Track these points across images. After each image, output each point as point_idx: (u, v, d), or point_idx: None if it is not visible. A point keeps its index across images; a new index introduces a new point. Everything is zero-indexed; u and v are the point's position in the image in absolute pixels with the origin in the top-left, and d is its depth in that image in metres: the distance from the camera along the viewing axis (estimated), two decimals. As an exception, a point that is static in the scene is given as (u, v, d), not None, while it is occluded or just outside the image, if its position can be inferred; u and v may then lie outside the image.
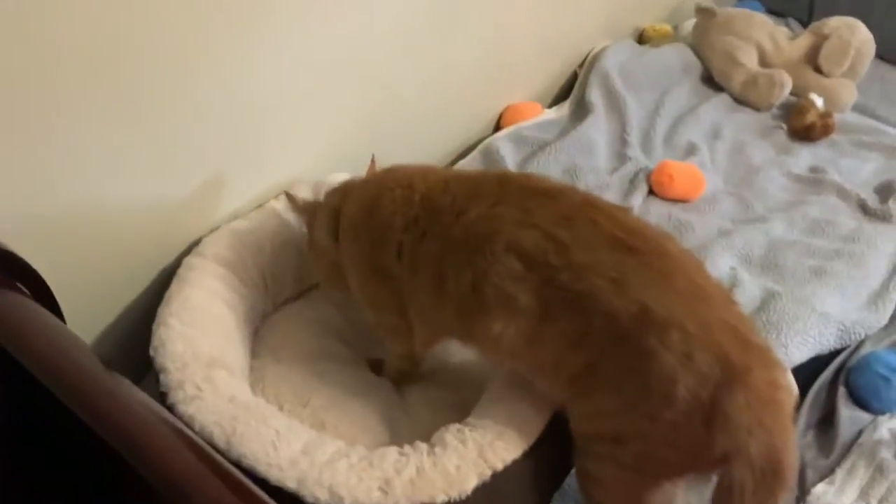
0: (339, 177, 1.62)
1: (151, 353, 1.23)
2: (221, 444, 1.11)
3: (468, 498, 1.11)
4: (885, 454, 1.44)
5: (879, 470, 1.42)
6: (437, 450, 1.15)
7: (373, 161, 1.45)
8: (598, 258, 1.07)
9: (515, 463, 1.15)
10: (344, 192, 1.36)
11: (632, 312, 1.03)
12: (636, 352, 1.03)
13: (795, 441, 1.04)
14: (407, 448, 1.16)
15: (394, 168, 1.33)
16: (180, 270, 1.38)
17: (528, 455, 1.17)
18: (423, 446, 1.16)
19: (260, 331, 1.46)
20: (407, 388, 1.41)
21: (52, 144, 1.18)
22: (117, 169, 1.29)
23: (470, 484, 1.11)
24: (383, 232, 1.24)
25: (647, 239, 1.10)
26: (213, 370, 1.21)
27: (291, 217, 1.52)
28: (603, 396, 1.09)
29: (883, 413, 1.53)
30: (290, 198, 1.45)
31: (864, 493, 1.40)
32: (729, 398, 0.99)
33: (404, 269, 1.22)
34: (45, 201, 1.22)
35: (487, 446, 1.15)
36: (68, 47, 1.12)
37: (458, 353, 1.44)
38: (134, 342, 1.36)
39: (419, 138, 1.96)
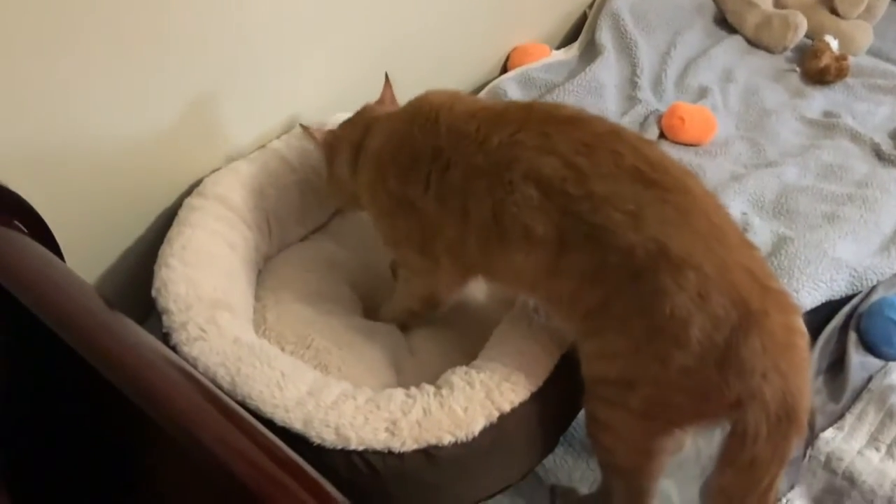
0: (343, 117, 1.58)
1: (154, 294, 1.22)
2: (226, 384, 1.10)
3: (475, 439, 1.10)
4: (895, 400, 1.43)
5: (889, 415, 1.41)
6: (444, 391, 1.14)
7: (387, 81, 1.41)
8: (618, 190, 1.04)
9: (523, 405, 1.14)
10: (366, 125, 1.32)
11: (648, 249, 1.01)
12: (650, 290, 1.01)
13: (810, 386, 1.02)
14: (413, 390, 1.15)
15: (420, 99, 1.27)
16: (181, 211, 1.35)
17: (535, 397, 1.16)
18: (429, 388, 1.15)
19: (263, 272, 1.44)
20: (413, 331, 1.39)
21: (48, 82, 1.14)
22: (115, 107, 1.25)
23: (477, 425, 1.10)
24: (409, 164, 1.20)
25: (669, 174, 1.06)
26: (217, 311, 1.19)
27: (294, 157, 1.49)
28: (614, 335, 1.07)
29: (894, 359, 1.52)
30: (306, 130, 1.41)
31: (874, 438, 1.39)
32: (745, 342, 0.97)
33: (430, 201, 1.18)
34: (44, 140, 1.19)
35: (495, 388, 1.13)
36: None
37: (465, 295, 1.41)
38: (135, 284, 1.34)
39: (425, 80, 1.89)
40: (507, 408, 1.12)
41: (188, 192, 1.40)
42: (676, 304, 0.99)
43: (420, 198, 1.19)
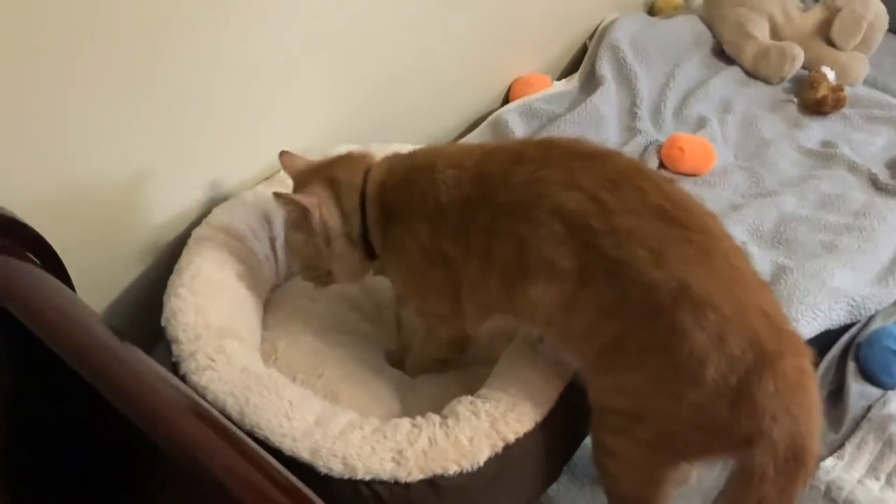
0: (345, 148, 1.61)
1: (163, 323, 1.23)
2: (234, 414, 1.11)
3: (480, 469, 1.11)
4: (895, 429, 1.44)
5: (889, 445, 1.42)
6: (449, 421, 1.15)
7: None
8: (641, 226, 1.05)
9: (528, 435, 1.15)
10: (382, 181, 1.24)
11: (670, 287, 1.01)
12: (669, 328, 1.01)
13: (820, 429, 1.02)
14: (420, 419, 1.16)
15: (432, 148, 1.27)
16: (190, 241, 1.37)
17: (540, 427, 1.17)
18: (435, 418, 1.16)
19: (270, 301, 1.45)
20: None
21: (59, 115, 1.17)
22: (125, 140, 1.27)
23: (482, 455, 1.11)
24: (439, 218, 1.18)
25: (691, 213, 1.07)
26: (225, 341, 1.20)
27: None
28: (628, 372, 1.08)
29: (893, 388, 1.53)
30: (282, 198, 1.25)
31: (873, 467, 1.40)
32: (758, 383, 0.98)
33: (460, 249, 1.18)
34: (54, 172, 1.21)
35: (500, 418, 1.14)
36: (72, 17, 1.11)
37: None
38: (144, 313, 1.35)
39: (427, 111, 1.95)
40: (512, 438, 1.13)
41: (196, 222, 1.42)
42: (695, 343, 1.00)
43: (451, 248, 1.18)
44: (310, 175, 1.29)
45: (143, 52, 1.22)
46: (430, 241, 1.19)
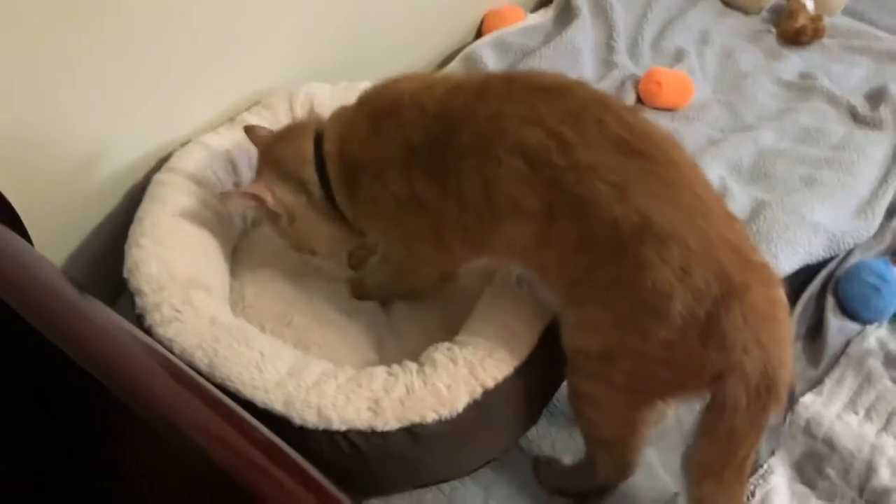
0: (315, 87, 1.55)
1: (125, 275, 1.19)
2: (204, 367, 1.08)
3: (459, 416, 1.09)
4: (873, 363, 1.44)
5: (867, 379, 1.42)
6: (426, 369, 1.12)
7: None
8: (603, 160, 1.02)
9: (506, 380, 1.13)
10: (339, 138, 1.20)
11: (632, 222, 0.99)
12: (633, 263, 1.00)
13: (792, 358, 1.02)
14: (395, 367, 1.14)
15: (387, 88, 1.20)
16: (151, 188, 1.31)
17: (518, 372, 1.15)
18: (412, 365, 1.14)
19: (238, 249, 1.41)
20: (394, 307, 1.37)
21: (7, 57, 1.09)
22: (77, 80, 1.20)
23: (461, 402, 1.09)
24: (409, 159, 1.13)
25: (655, 144, 1.04)
26: (192, 291, 1.16)
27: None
28: (596, 306, 1.06)
29: (872, 322, 1.53)
30: (227, 197, 1.25)
31: (852, 402, 1.40)
32: (726, 315, 0.97)
33: (433, 189, 1.13)
34: (4, 118, 1.14)
35: (478, 364, 1.12)
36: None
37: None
38: (105, 264, 1.30)
39: (398, 46, 1.88)
40: (490, 384, 1.11)
41: (157, 167, 1.36)
42: (659, 277, 0.98)
43: (424, 190, 1.14)
44: (258, 163, 1.27)
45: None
46: (403, 188, 1.15)
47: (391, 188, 1.15)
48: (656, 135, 1.06)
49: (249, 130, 1.32)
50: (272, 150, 1.26)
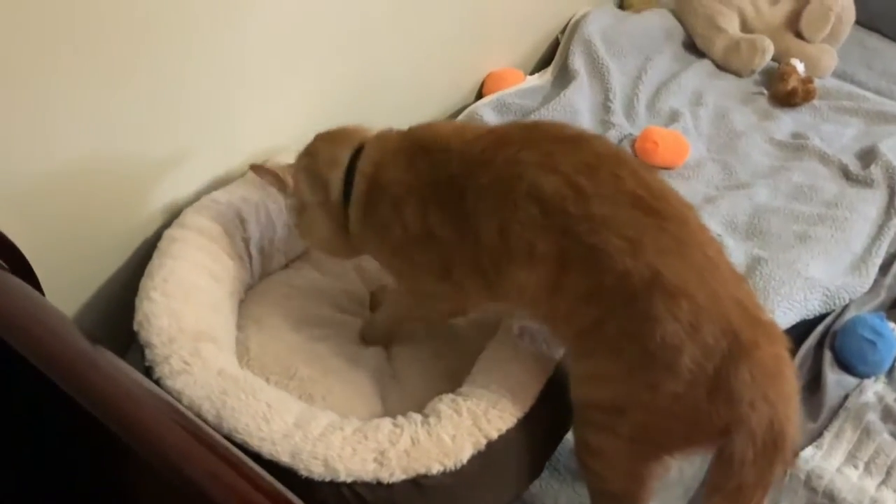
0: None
1: (136, 328, 1.20)
2: (211, 418, 1.09)
3: (463, 467, 1.10)
4: (872, 417, 1.46)
5: (866, 433, 1.43)
6: (431, 420, 1.14)
7: None
8: (617, 213, 1.05)
9: (510, 431, 1.14)
10: (375, 161, 1.24)
11: (643, 276, 1.02)
12: (643, 316, 1.02)
13: (799, 415, 1.04)
14: (401, 419, 1.15)
15: (424, 128, 1.26)
16: (161, 243, 1.34)
17: (522, 423, 1.16)
18: (417, 417, 1.15)
19: (244, 302, 1.43)
20: (397, 356, 1.39)
21: (28, 109, 1.13)
22: (92, 138, 1.24)
23: (465, 453, 1.10)
24: (429, 196, 1.17)
25: (669, 203, 1.07)
26: (200, 343, 1.18)
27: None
28: (606, 358, 1.08)
29: (868, 376, 1.55)
30: (260, 169, 1.31)
31: (852, 455, 1.41)
32: (734, 371, 0.99)
33: (448, 228, 1.16)
34: (20, 173, 1.17)
35: (482, 415, 1.14)
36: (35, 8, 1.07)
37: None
38: (116, 316, 1.32)
39: (401, 106, 1.93)
40: (494, 435, 1.12)
41: (168, 223, 1.39)
42: (668, 331, 1.00)
43: (438, 226, 1.17)
44: (303, 150, 1.33)
45: (117, 48, 1.19)
46: (416, 222, 1.18)
47: (404, 220, 1.19)
48: (670, 194, 1.09)
49: (256, 168, 1.34)
50: (315, 143, 1.32)
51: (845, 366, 1.57)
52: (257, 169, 1.33)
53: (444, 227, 1.17)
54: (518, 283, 1.12)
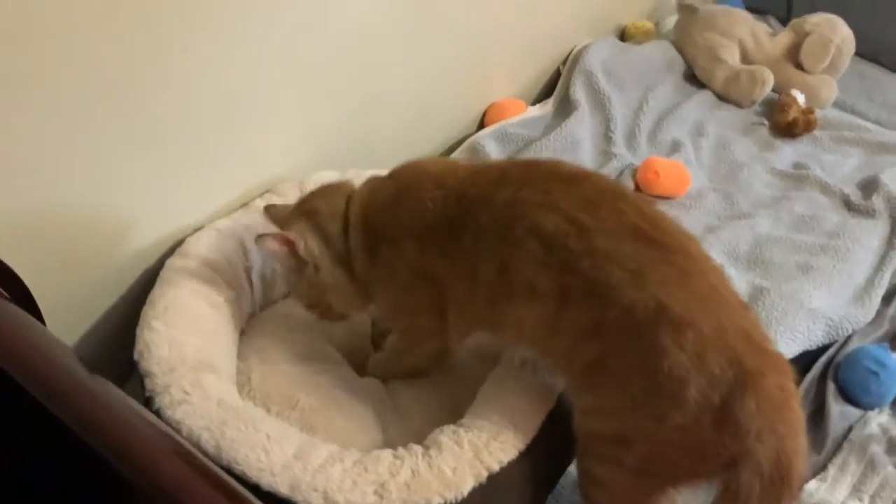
0: (325, 175, 1.59)
1: (136, 357, 1.20)
2: (211, 449, 1.08)
3: (464, 500, 1.09)
4: (876, 449, 1.45)
5: (871, 465, 1.42)
6: (432, 452, 1.13)
7: None
8: (620, 247, 1.04)
9: (511, 463, 1.13)
10: (364, 203, 1.24)
11: (648, 307, 1.01)
12: (648, 348, 1.01)
13: (806, 448, 1.02)
14: (401, 451, 1.14)
15: (413, 167, 1.26)
16: (163, 272, 1.34)
17: (524, 455, 1.15)
18: (417, 448, 1.14)
19: (246, 332, 1.42)
20: (398, 388, 1.38)
21: (29, 140, 1.14)
22: (94, 168, 1.25)
23: (466, 486, 1.09)
24: (425, 235, 1.17)
25: (671, 235, 1.07)
26: (201, 373, 1.17)
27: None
28: (610, 391, 1.07)
29: (872, 408, 1.54)
30: (263, 238, 1.24)
31: (857, 488, 1.40)
32: (741, 402, 0.98)
33: (446, 269, 1.17)
34: (22, 202, 1.18)
35: (483, 447, 1.13)
36: (39, 41, 1.09)
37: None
38: (116, 346, 1.32)
39: (403, 137, 1.94)
40: (495, 467, 1.11)
41: (170, 252, 1.39)
42: (674, 362, 0.99)
43: (438, 267, 1.17)
44: (290, 214, 1.30)
45: (118, 77, 1.20)
46: (417, 259, 1.19)
47: (406, 256, 1.19)
48: (672, 226, 1.09)
49: (269, 209, 1.35)
50: (308, 202, 1.30)
51: (849, 397, 1.56)
52: (263, 237, 1.24)
53: (439, 265, 1.17)
54: (516, 319, 1.13)
